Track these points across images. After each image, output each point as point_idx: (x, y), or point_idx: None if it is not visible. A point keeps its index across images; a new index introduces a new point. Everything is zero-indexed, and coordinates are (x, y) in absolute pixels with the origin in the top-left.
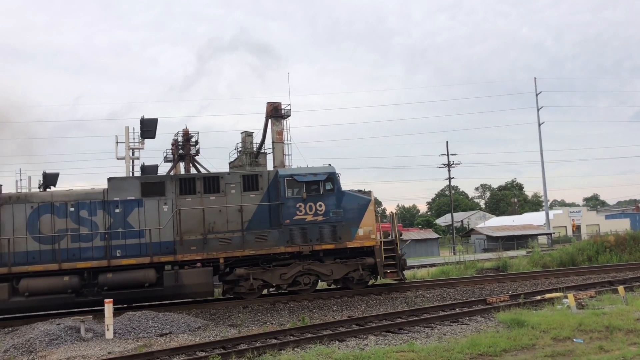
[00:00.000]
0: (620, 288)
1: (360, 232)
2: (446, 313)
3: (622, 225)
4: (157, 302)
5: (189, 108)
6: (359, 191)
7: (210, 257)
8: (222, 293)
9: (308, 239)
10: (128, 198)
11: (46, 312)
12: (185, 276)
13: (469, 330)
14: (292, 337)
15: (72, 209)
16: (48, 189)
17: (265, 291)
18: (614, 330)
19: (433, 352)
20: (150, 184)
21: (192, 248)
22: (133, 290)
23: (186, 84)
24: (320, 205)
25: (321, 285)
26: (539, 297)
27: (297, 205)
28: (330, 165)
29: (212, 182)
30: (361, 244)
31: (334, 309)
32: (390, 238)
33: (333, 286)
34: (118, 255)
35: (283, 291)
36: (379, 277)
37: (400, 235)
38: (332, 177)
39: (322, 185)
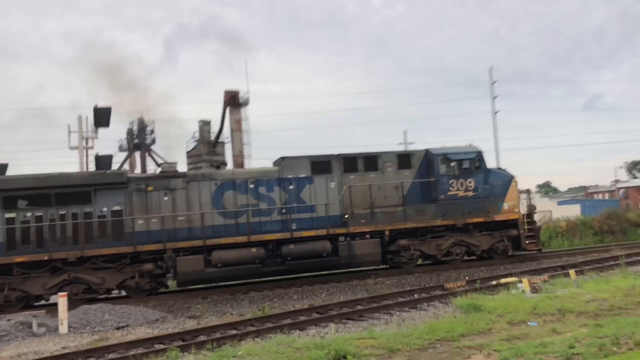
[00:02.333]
0: (572, 272)
1: (506, 206)
2: (405, 299)
3: (573, 211)
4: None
5: (151, 97)
6: (499, 169)
7: (377, 229)
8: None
9: (460, 213)
10: (300, 175)
11: (234, 282)
12: (357, 247)
13: (427, 315)
14: (252, 327)
15: (251, 186)
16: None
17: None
18: (565, 312)
19: (392, 338)
20: (319, 162)
21: (362, 221)
22: (314, 260)
23: (148, 71)
24: (470, 182)
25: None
26: (494, 282)
27: (450, 182)
28: (471, 145)
29: (371, 161)
30: (507, 217)
31: (295, 298)
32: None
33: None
34: (293, 228)
35: (438, 261)
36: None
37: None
38: (480, 155)
39: (471, 162)
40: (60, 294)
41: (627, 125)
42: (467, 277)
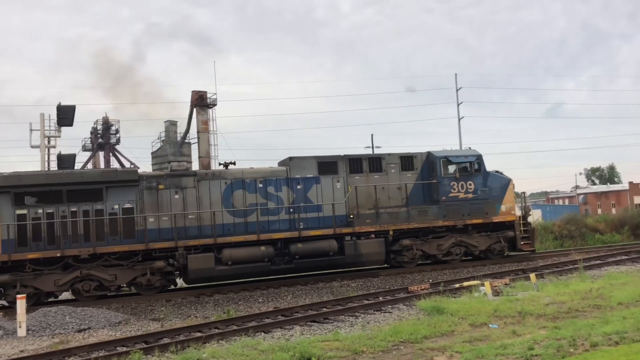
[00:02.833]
0: (532, 275)
1: (503, 208)
2: (370, 302)
3: (534, 216)
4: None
5: (121, 96)
6: (496, 172)
7: (382, 229)
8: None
9: (461, 214)
10: (307, 175)
11: (245, 280)
12: (362, 246)
13: (391, 318)
14: (216, 330)
15: (260, 185)
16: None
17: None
18: (525, 315)
19: (357, 340)
20: (325, 163)
21: (367, 221)
22: (321, 259)
23: (117, 71)
24: (470, 184)
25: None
26: (457, 285)
27: (451, 184)
28: (470, 148)
29: (376, 163)
30: (504, 219)
31: (260, 300)
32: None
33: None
34: (301, 227)
35: (438, 260)
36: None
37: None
38: (480, 159)
39: (471, 165)
40: (19, 296)
41: (586, 133)
42: (430, 280)
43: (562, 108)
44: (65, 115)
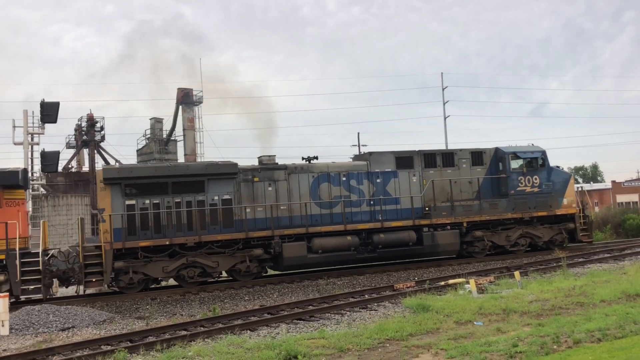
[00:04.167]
0: (517, 273)
1: (565, 201)
2: (356, 300)
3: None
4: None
5: (105, 94)
6: (557, 167)
7: (457, 221)
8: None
9: (527, 207)
10: (386, 170)
11: (332, 268)
12: (439, 237)
13: (377, 315)
14: (202, 328)
15: (344, 179)
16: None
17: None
18: (510, 312)
19: (343, 338)
20: (402, 157)
21: (443, 213)
22: (401, 249)
23: (102, 68)
24: (535, 179)
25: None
26: (443, 283)
27: (519, 179)
28: (533, 144)
29: (448, 158)
30: (566, 212)
31: (246, 298)
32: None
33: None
34: (380, 219)
35: (506, 250)
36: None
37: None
38: (544, 154)
39: (537, 161)
40: (1, 294)
41: (570, 132)
42: (416, 278)
43: (546, 107)
44: (49, 112)
